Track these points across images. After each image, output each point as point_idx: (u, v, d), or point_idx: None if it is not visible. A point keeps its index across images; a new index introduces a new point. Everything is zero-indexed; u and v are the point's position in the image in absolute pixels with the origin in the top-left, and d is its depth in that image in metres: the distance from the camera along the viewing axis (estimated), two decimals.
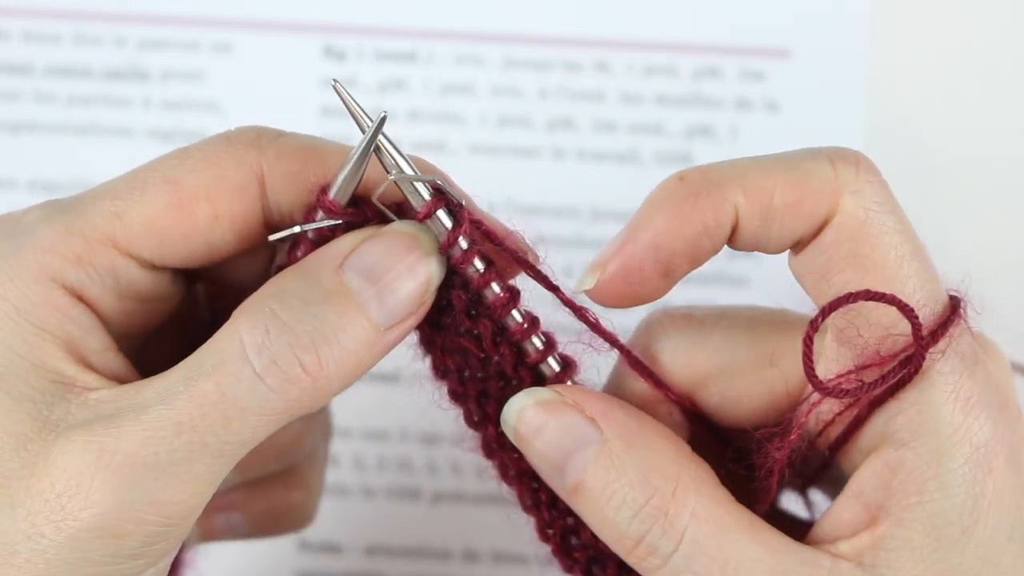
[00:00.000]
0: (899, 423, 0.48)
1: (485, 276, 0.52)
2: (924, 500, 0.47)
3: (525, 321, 0.52)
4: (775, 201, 0.49)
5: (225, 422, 0.47)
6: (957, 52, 0.93)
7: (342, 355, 0.49)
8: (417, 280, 0.50)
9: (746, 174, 0.49)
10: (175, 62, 0.92)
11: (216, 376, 0.48)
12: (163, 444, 0.47)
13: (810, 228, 0.49)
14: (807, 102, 0.92)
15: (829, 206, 0.49)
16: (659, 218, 0.50)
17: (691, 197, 0.50)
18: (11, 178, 0.91)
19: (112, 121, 0.92)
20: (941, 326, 0.48)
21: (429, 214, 0.50)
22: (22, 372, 0.49)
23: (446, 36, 0.93)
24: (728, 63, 0.92)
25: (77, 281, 0.50)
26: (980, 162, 0.92)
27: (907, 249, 0.49)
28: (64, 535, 0.47)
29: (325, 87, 0.92)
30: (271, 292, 0.50)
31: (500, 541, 0.87)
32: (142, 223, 0.51)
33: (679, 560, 0.48)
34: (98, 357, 0.51)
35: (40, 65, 0.92)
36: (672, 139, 0.92)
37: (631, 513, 0.49)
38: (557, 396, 0.51)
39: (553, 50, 0.93)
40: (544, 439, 0.50)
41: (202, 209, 0.51)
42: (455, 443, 0.88)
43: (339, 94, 0.51)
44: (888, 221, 0.49)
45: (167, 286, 0.54)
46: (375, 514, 0.88)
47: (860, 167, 0.49)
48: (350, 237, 0.51)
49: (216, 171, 0.51)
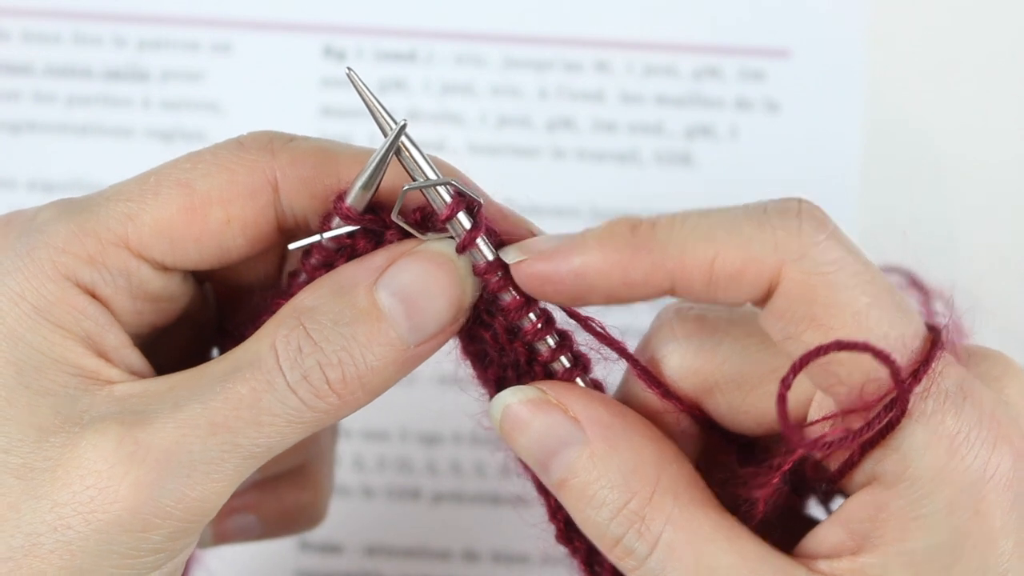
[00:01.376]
0: (885, 467, 0.48)
1: (501, 282, 0.52)
2: (905, 538, 0.47)
3: (539, 321, 0.53)
4: (716, 270, 0.49)
5: (257, 426, 0.49)
6: (957, 52, 0.93)
7: (368, 373, 0.50)
8: (449, 300, 0.51)
9: (690, 244, 0.49)
10: (175, 62, 0.92)
11: (252, 381, 0.49)
12: (198, 442, 0.48)
13: (754, 294, 0.49)
14: (807, 102, 0.92)
15: (771, 275, 0.48)
16: (595, 254, 0.50)
17: (631, 251, 0.49)
18: (11, 178, 0.91)
19: (112, 121, 0.92)
20: (923, 364, 0.47)
21: (451, 216, 0.51)
22: (43, 367, 0.49)
23: (446, 36, 0.93)
24: (728, 63, 0.92)
25: (90, 280, 0.51)
26: (980, 161, 0.92)
27: (866, 300, 0.47)
28: (91, 527, 0.47)
29: (325, 87, 0.92)
30: (306, 304, 0.51)
31: (500, 541, 0.87)
32: (154, 226, 0.51)
33: (654, 563, 0.49)
34: (116, 353, 0.51)
35: (40, 65, 0.92)
36: (672, 139, 0.92)
37: (609, 515, 0.50)
38: (542, 395, 0.52)
39: (553, 50, 0.93)
40: (528, 437, 0.51)
41: (215, 213, 0.51)
42: (455, 443, 0.88)
43: (354, 83, 0.51)
44: (839, 278, 0.47)
45: (178, 287, 0.54)
46: (375, 514, 0.88)
47: (803, 228, 0.48)
48: (384, 252, 0.52)
49: (229, 176, 0.52)
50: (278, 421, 0.49)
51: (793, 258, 0.48)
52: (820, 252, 0.48)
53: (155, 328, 0.55)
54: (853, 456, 0.48)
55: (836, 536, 0.49)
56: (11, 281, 0.50)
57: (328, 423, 0.51)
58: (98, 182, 0.89)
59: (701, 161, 0.92)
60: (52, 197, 0.91)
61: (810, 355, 0.46)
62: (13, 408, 0.49)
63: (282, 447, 0.50)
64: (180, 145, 0.91)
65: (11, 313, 0.49)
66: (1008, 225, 0.92)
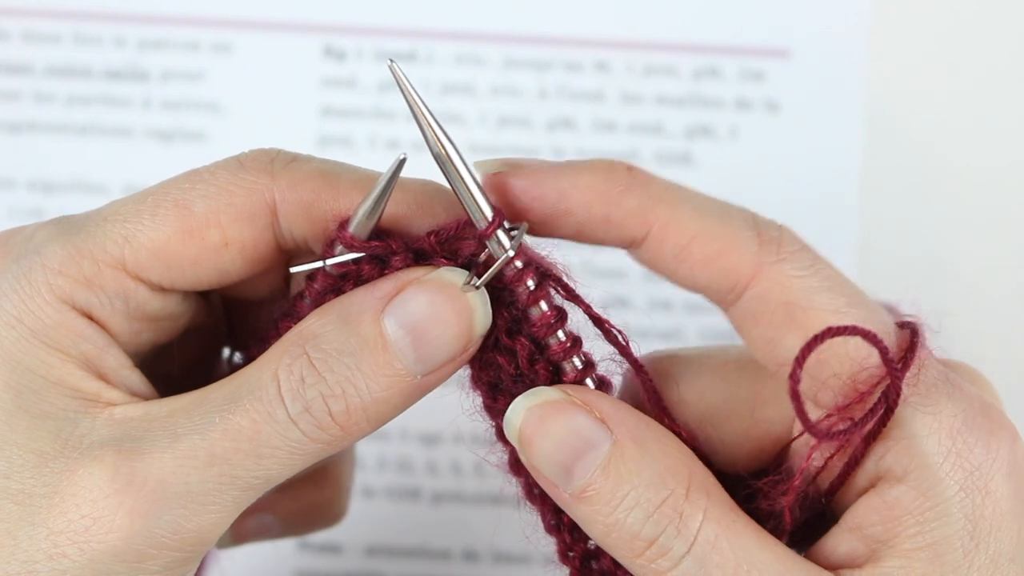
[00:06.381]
0: (889, 461, 0.48)
1: (535, 294, 0.51)
2: (924, 531, 0.47)
3: (568, 340, 0.52)
4: (692, 247, 0.49)
5: (257, 458, 0.48)
6: (957, 52, 0.93)
7: (373, 405, 0.49)
8: (459, 332, 0.50)
9: (680, 209, 0.50)
10: (175, 62, 0.92)
11: (252, 413, 0.48)
12: (195, 474, 0.47)
13: (716, 284, 0.50)
14: (807, 102, 0.92)
15: (745, 272, 0.49)
16: (586, 179, 0.50)
17: (622, 189, 0.50)
18: (11, 178, 0.91)
19: (112, 121, 0.92)
20: (908, 351, 0.48)
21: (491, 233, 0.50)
22: (41, 390, 0.48)
23: (446, 36, 0.93)
24: (728, 63, 0.92)
25: (87, 302, 0.50)
26: (979, 161, 0.92)
27: (843, 300, 0.49)
28: (87, 556, 0.47)
29: (325, 87, 0.92)
30: (310, 332, 0.50)
31: (500, 541, 0.87)
32: (151, 248, 0.50)
33: (690, 562, 0.47)
34: (116, 374, 0.51)
35: (40, 65, 0.92)
36: (672, 139, 0.92)
37: (645, 514, 0.48)
38: (565, 396, 0.50)
39: (553, 50, 0.93)
40: (552, 440, 0.49)
41: (212, 236, 0.51)
42: (455, 443, 0.88)
43: (395, 76, 0.49)
44: (814, 282, 0.49)
45: (177, 306, 0.54)
46: (375, 514, 0.88)
47: (783, 241, 0.50)
48: (393, 280, 0.50)
49: (227, 198, 0.51)
50: (279, 453, 0.48)
51: (771, 260, 0.49)
52: (798, 259, 0.49)
53: (156, 347, 0.55)
54: (857, 453, 0.48)
55: (848, 544, 0.48)
56: (8, 304, 0.49)
57: (331, 452, 0.50)
58: (98, 182, 0.90)
59: (701, 161, 0.92)
60: (52, 197, 0.91)
61: (810, 345, 0.46)
62: (13, 433, 0.48)
63: (283, 477, 0.49)
64: (180, 145, 0.91)
65: (8, 337, 0.49)
66: (1008, 225, 0.92)
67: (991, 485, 0.47)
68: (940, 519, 0.46)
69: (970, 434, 0.47)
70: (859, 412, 0.48)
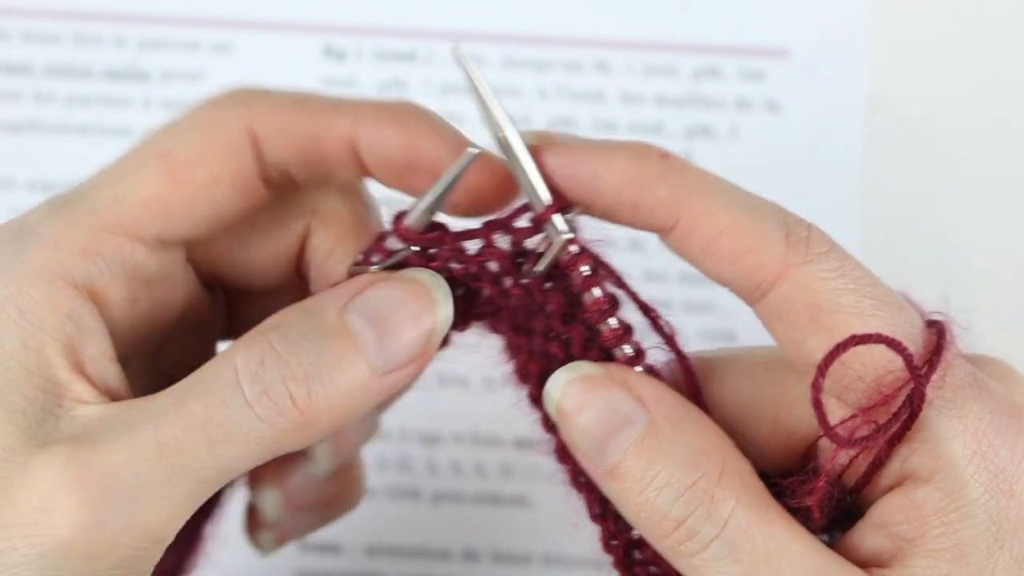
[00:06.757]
0: (914, 463, 0.47)
1: (589, 280, 0.51)
2: (949, 531, 0.46)
3: (620, 328, 0.52)
4: (721, 241, 0.49)
5: (209, 446, 0.47)
6: (958, 51, 0.93)
7: (334, 394, 0.48)
8: (421, 329, 0.50)
9: (711, 202, 0.50)
10: (175, 62, 0.92)
11: (205, 399, 0.47)
12: (144, 464, 0.46)
13: (741, 280, 0.49)
14: (807, 102, 0.92)
15: (771, 270, 0.48)
16: (619, 163, 0.50)
17: (655, 176, 0.50)
18: (11, 178, 0.91)
19: (112, 121, 0.92)
20: (934, 353, 0.48)
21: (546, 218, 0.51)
22: (16, 381, 0.48)
23: (446, 36, 0.93)
24: (728, 63, 0.92)
25: (85, 273, 0.50)
26: (981, 161, 0.92)
27: (869, 303, 0.48)
28: (35, 551, 0.46)
29: (325, 87, 0.92)
30: (271, 324, 0.50)
31: (500, 541, 0.87)
32: (143, 202, 0.51)
33: (719, 547, 0.47)
34: (94, 364, 0.50)
35: (40, 65, 0.92)
36: (672, 139, 0.92)
37: (674, 494, 0.47)
38: (604, 372, 0.50)
39: (553, 50, 0.93)
40: (589, 414, 0.49)
41: (199, 175, 0.51)
42: (455, 443, 0.88)
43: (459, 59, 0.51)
44: (840, 284, 0.48)
45: (176, 268, 0.54)
46: (375, 514, 0.88)
47: (811, 241, 0.49)
48: (359, 280, 0.51)
49: (206, 135, 0.51)
50: (233, 440, 0.47)
51: (798, 262, 0.48)
52: (825, 260, 0.49)
53: (154, 321, 0.54)
54: (881, 455, 0.48)
55: (873, 542, 0.48)
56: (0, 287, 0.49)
57: (287, 449, 0.49)
58: None
59: (701, 161, 0.91)
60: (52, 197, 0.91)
61: (832, 354, 0.46)
62: None
63: (240, 470, 0.48)
64: None
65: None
66: (1010, 225, 0.92)
67: (1016, 487, 0.47)
68: (965, 520, 0.46)
69: (996, 436, 0.47)
70: (883, 414, 0.47)
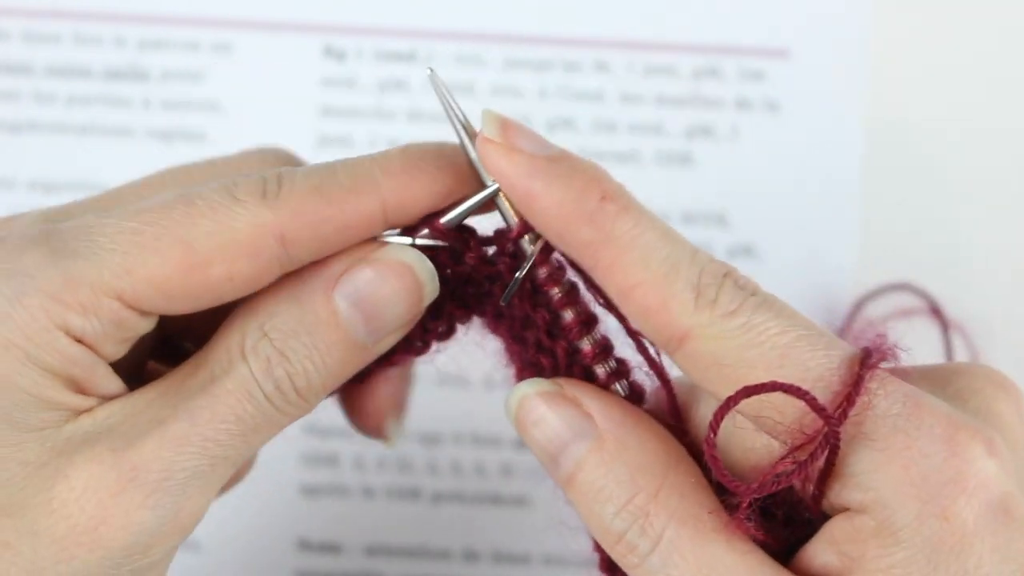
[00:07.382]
0: (846, 496, 0.48)
1: (563, 299, 0.53)
2: (885, 554, 0.47)
3: (597, 346, 0.54)
4: (634, 295, 0.49)
5: (243, 437, 0.51)
6: (957, 52, 0.93)
7: (330, 376, 0.53)
8: (407, 305, 0.53)
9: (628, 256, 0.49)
10: (175, 62, 0.92)
11: (235, 394, 0.51)
12: (192, 459, 0.50)
13: (655, 336, 0.50)
14: (807, 102, 0.92)
15: (679, 332, 0.49)
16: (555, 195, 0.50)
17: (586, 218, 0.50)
18: (11, 178, 0.91)
19: (112, 121, 0.92)
20: (852, 387, 0.47)
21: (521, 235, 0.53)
22: (29, 407, 0.49)
23: (446, 36, 0.93)
24: (728, 63, 0.92)
25: (80, 328, 0.50)
26: (980, 161, 0.92)
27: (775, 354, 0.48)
28: (96, 555, 0.49)
29: (325, 87, 0.92)
30: (265, 312, 0.52)
31: (500, 541, 0.87)
32: (152, 282, 0.50)
33: (655, 560, 0.49)
34: (99, 387, 0.52)
35: (40, 65, 0.92)
36: (672, 139, 0.92)
37: (615, 509, 0.50)
38: (557, 388, 0.53)
39: (553, 50, 0.93)
40: (541, 429, 0.52)
41: (216, 272, 0.51)
42: (455, 443, 0.88)
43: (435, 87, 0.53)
44: (745, 339, 0.48)
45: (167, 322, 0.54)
46: (375, 514, 0.88)
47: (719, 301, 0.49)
48: (344, 258, 0.53)
49: (231, 235, 0.50)
50: (260, 429, 0.52)
51: (705, 323, 0.49)
52: (732, 318, 0.49)
53: (141, 358, 0.56)
54: (816, 490, 0.49)
55: (825, 556, 0.49)
56: (2, 328, 0.49)
57: (289, 424, 0.53)
58: (98, 182, 0.90)
59: (701, 161, 0.92)
60: (52, 197, 0.91)
61: (722, 409, 0.47)
62: (2, 448, 0.49)
63: (254, 451, 0.53)
64: (180, 145, 0.91)
65: (2, 359, 0.49)
66: (1009, 225, 0.92)
67: (950, 510, 0.46)
68: (898, 545, 0.47)
69: (925, 462, 0.47)
70: (805, 453, 0.48)
